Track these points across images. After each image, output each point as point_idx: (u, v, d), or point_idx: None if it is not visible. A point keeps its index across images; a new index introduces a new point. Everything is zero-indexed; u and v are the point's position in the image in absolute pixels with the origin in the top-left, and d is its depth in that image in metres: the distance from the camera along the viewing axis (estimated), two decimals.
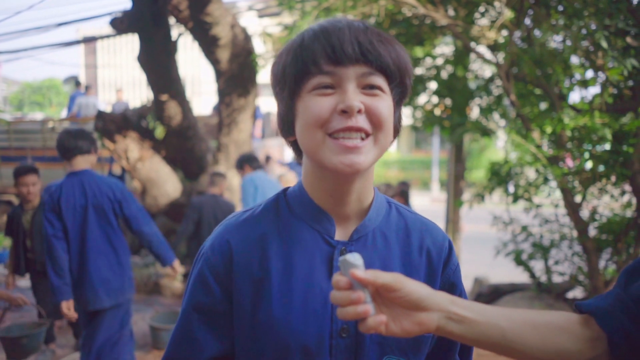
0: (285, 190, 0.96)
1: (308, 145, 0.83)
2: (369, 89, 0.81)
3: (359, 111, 0.79)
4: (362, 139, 0.81)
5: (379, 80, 0.82)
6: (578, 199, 4.19)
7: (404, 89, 0.87)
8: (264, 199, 0.99)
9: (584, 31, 3.53)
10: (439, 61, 6.56)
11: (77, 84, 11.95)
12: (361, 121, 0.80)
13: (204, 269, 0.91)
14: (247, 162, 5.24)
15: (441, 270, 0.96)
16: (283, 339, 0.85)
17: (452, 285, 0.98)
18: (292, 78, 0.83)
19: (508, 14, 4.21)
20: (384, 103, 0.82)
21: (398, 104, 0.88)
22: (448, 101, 6.69)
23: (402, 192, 6.16)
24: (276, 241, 0.90)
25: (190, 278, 0.94)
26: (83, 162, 3.18)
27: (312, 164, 0.88)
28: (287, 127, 0.89)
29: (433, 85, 6.76)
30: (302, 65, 0.81)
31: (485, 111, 6.16)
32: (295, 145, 0.92)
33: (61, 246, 3.08)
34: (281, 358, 0.86)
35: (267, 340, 0.86)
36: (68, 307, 3.06)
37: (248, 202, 5.03)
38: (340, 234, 0.91)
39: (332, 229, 0.90)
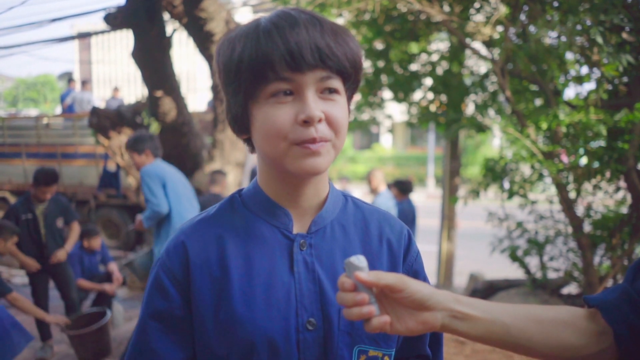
0: (240, 190, 0.96)
1: (270, 153, 0.84)
2: (327, 92, 0.82)
3: (319, 120, 0.80)
4: (323, 142, 0.82)
5: (336, 83, 0.82)
6: (573, 195, 4.19)
7: (356, 85, 0.89)
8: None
9: (579, 27, 3.52)
10: (434, 57, 6.55)
11: (70, 80, 11.88)
12: (322, 130, 0.80)
13: (159, 273, 0.89)
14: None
15: (402, 258, 0.97)
16: (247, 337, 0.84)
17: (415, 273, 0.98)
18: (249, 83, 0.81)
19: (503, 10, 4.20)
20: (340, 108, 0.83)
21: (349, 99, 0.90)
22: (443, 97, 6.69)
23: (403, 188, 5.99)
24: (234, 239, 0.89)
25: (147, 287, 0.91)
26: None
27: (270, 165, 0.88)
28: (240, 126, 0.88)
29: (428, 81, 6.76)
30: (259, 71, 0.79)
31: (481, 107, 6.16)
32: (249, 141, 0.91)
33: None
34: (247, 356, 0.84)
35: (231, 339, 0.84)
36: None
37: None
38: (299, 228, 0.91)
39: (290, 223, 0.90)
